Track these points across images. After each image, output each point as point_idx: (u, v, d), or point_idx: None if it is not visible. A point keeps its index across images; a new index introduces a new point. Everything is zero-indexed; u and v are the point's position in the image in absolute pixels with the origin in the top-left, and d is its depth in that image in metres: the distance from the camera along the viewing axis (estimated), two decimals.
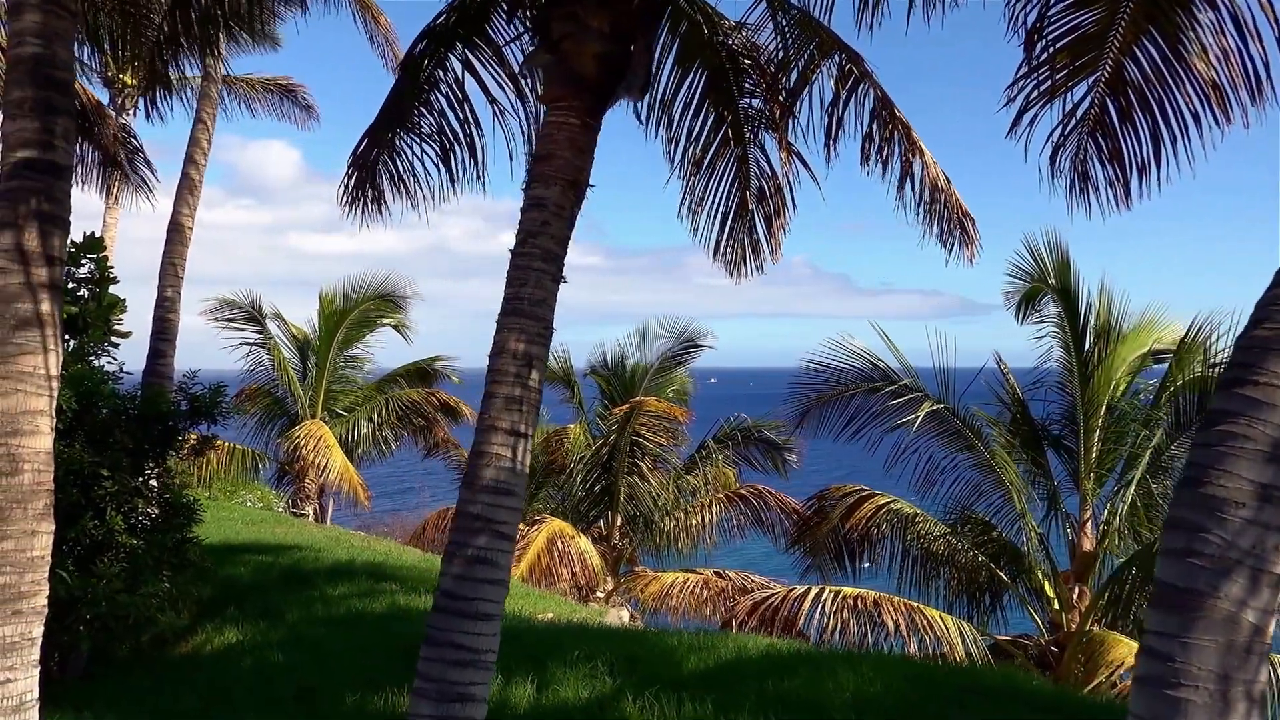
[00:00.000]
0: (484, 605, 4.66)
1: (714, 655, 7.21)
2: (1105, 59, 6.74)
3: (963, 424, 12.83)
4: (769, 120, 8.34)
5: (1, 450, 4.71)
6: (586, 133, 5.33)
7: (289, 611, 9.32)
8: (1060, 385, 13.14)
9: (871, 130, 7.81)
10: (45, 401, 4.86)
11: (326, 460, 16.97)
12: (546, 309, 5.08)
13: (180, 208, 13.76)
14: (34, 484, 4.80)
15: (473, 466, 4.90)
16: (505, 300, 5.10)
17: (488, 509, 4.75)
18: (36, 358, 4.81)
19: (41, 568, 4.82)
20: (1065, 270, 13.10)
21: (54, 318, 4.92)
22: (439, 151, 7.55)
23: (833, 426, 13.57)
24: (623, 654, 7.11)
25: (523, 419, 4.92)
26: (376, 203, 7.50)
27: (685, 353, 19.17)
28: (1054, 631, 12.34)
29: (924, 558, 13.46)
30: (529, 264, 5.07)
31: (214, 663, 7.99)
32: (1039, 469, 13.07)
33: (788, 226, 9.10)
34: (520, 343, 4.96)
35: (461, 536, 4.74)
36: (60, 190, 4.98)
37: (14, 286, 4.78)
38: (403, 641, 7.99)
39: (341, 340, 19.67)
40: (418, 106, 7.41)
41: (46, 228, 4.89)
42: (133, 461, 8.57)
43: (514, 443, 4.86)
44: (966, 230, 8.35)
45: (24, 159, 4.85)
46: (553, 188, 5.17)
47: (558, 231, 5.17)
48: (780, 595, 12.35)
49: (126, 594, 7.72)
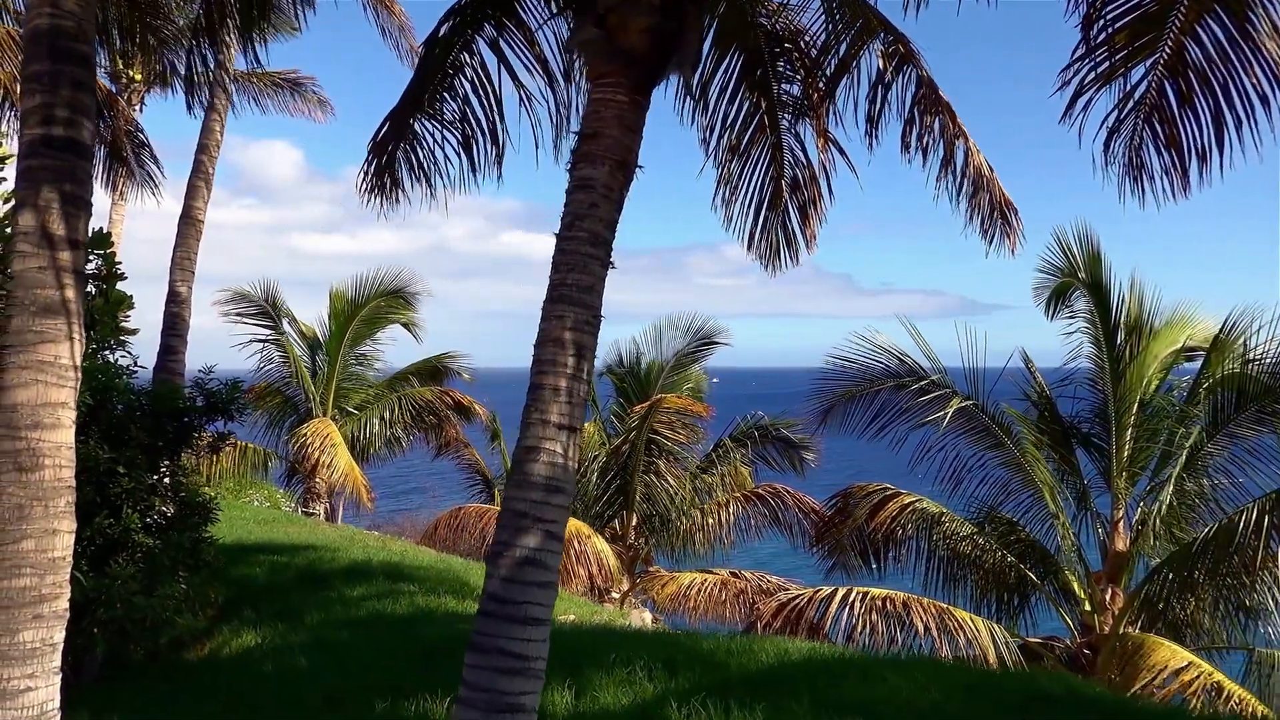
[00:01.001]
0: (533, 609, 4.38)
1: (755, 660, 6.94)
2: (1165, 39, 6.45)
3: (992, 421, 12.55)
4: (805, 107, 8.09)
5: (21, 444, 4.44)
6: (635, 110, 5.06)
7: (308, 613, 9.06)
8: (1091, 382, 12.86)
9: (914, 115, 7.55)
10: (66, 393, 4.60)
11: (332, 458, 16.68)
12: (595, 296, 4.81)
13: (193, 200, 13.47)
14: (55, 480, 4.53)
15: (519, 462, 4.62)
16: (551, 287, 4.83)
17: (536, 507, 4.48)
18: (57, 346, 4.54)
19: (63, 569, 4.56)
20: (1096, 264, 12.82)
21: (76, 305, 4.65)
22: (460, 139, 7.28)
23: (857, 424, 13.31)
24: (660, 658, 6.83)
25: (572, 412, 4.65)
26: (393, 192, 7.24)
27: (701, 350, 18.91)
28: (1086, 633, 12.06)
29: (950, 558, 13.18)
30: (577, 248, 4.80)
31: (234, 667, 7.72)
32: (1068, 467, 12.79)
33: (824, 217, 8.85)
34: (568, 331, 4.69)
35: (508, 536, 4.46)
36: (82, 170, 4.72)
37: (34, 271, 4.51)
38: (427, 644, 7.74)
39: (352, 337, 19.41)
40: (440, 92, 7.15)
41: (68, 209, 4.63)
42: (148, 459, 8.31)
43: (563, 437, 4.59)
44: (1009, 221, 8.10)
45: (44, 136, 4.59)
46: (600, 168, 4.90)
47: (606, 214, 4.90)
48: (806, 596, 12.07)
49: (143, 596, 7.47)
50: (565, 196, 5.02)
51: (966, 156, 7.78)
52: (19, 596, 4.37)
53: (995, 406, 12.62)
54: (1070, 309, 13.30)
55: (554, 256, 4.88)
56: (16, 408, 4.45)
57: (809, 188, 8.61)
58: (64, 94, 4.63)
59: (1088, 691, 6.18)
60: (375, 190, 7.01)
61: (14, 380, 4.46)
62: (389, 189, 7.10)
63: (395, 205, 7.00)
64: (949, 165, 7.84)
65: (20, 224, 4.55)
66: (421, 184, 7.24)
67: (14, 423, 4.44)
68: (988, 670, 7.26)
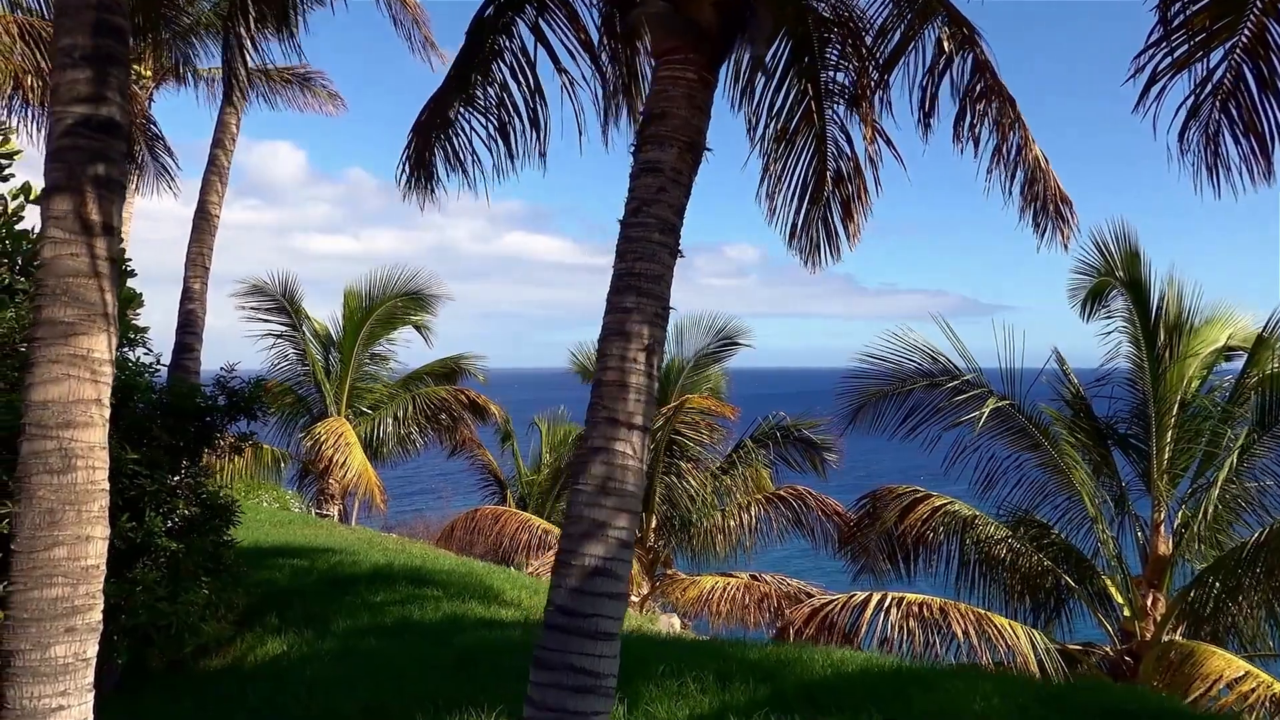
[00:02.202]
0: (604, 623, 4.07)
1: (808, 670, 6.62)
2: (1246, 21, 6.13)
3: (1029, 422, 12.23)
4: (852, 96, 7.79)
5: (52, 445, 4.13)
6: (704, 89, 4.76)
7: (334, 620, 8.75)
8: (1130, 382, 12.53)
9: (969, 102, 7.26)
10: (100, 389, 4.30)
11: (346, 458, 16.35)
12: (664, 286, 4.50)
13: (208, 196, 13.18)
14: (88, 483, 4.23)
15: (585, 465, 4.31)
16: (617, 276, 4.51)
17: (605, 513, 4.17)
18: (90, 339, 4.24)
19: (96, 578, 4.25)
20: (1134, 262, 12.48)
21: (111, 295, 4.34)
22: (497, 125, 6.98)
23: (889, 423, 12.99)
24: (709, 669, 6.52)
25: (642, 410, 4.34)
26: (430, 183, 6.96)
27: (722, 350, 18.59)
28: (1126, 640, 11.74)
29: (982, 561, 12.86)
30: (646, 235, 4.49)
31: (261, 676, 7.40)
32: (1105, 469, 12.47)
33: (869, 211, 8.56)
34: (637, 324, 4.38)
35: (575, 544, 4.14)
36: (116, 151, 4.40)
37: (66, 258, 4.21)
38: (461, 652, 7.43)
39: (366, 337, 19.10)
40: (479, 78, 6.87)
41: (102, 193, 4.32)
42: (170, 459, 8.01)
43: (633, 437, 4.28)
44: (1062, 215, 7.81)
45: (78, 115, 4.27)
46: (669, 150, 4.59)
47: (675, 199, 4.59)
48: (840, 602, 11.73)
49: (167, 602, 7.15)
50: (630, 180, 4.71)
51: (1025, 146, 7.48)
52: (50, 608, 4.07)
53: (1033, 407, 12.30)
54: (1107, 309, 12.99)
55: (619, 244, 4.57)
56: (47, 405, 4.15)
57: (853, 181, 8.33)
58: (97, 69, 4.32)
59: (1171, 706, 5.86)
60: (414, 181, 6.72)
61: (44, 375, 4.16)
62: (427, 180, 6.81)
63: (433, 196, 6.70)
64: (1002, 155, 7.55)
65: (51, 208, 4.25)
66: (458, 173, 6.95)
67: (44, 421, 4.14)
68: (1057, 682, 6.93)
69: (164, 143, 15.96)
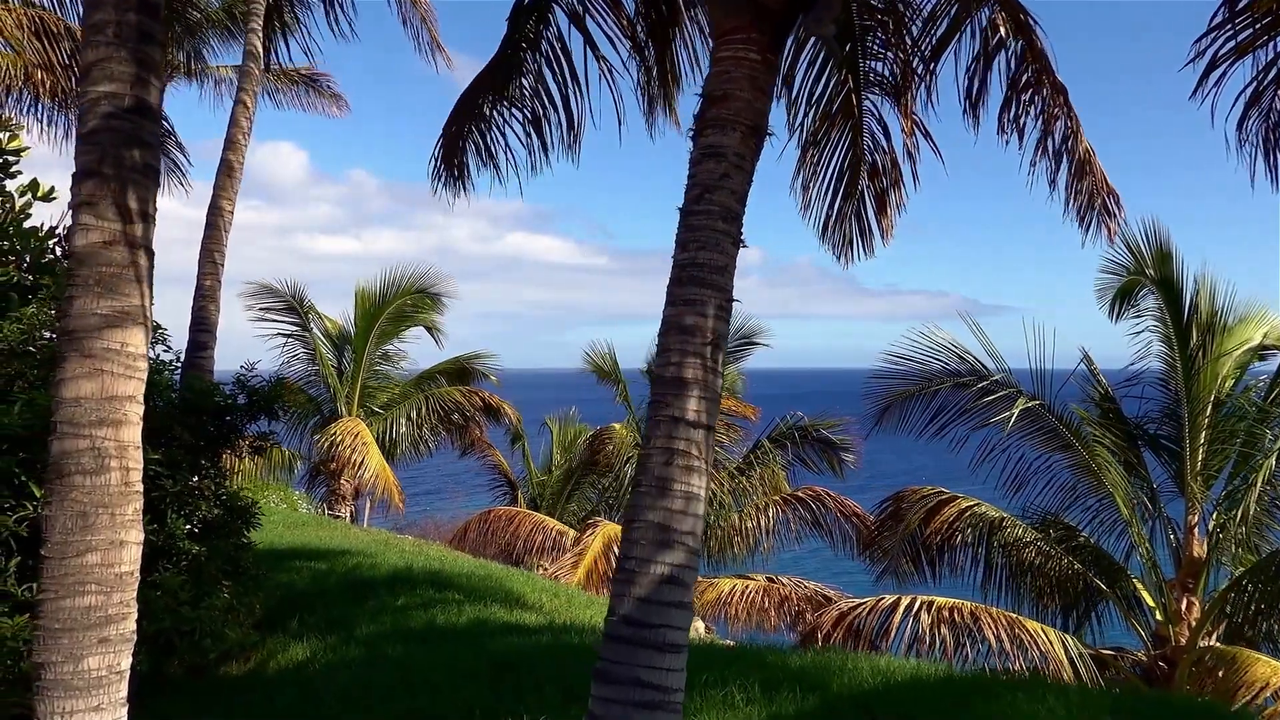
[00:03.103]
0: (671, 634, 3.84)
1: (856, 679, 6.38)
2: None
3: (1060, 422, 11.99)
4: (891, 86, 7.58)
5: (85, 444, 3.89)
6: (768, 70, 4.52)
7: (356, 624, 8.51)
8: (1162, 382, 12.30)
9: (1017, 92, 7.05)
10: (134, 385, 4.05)
11: (363, 458, 16.13)
12: (728, 277, 4.26)
13: (220, 192, 12.93)
14: (122, 484, 3.99)
15: (648, 466, 4.07)
16: (677, 266, 4.28)
17: (671, 517, 3.93)
18: (125, 332, 4.00)
19: (130, 586, 4.01)
20: (1165, 260, 12.23)
21: (146, 286, 4.10)
22: (530, 118, 6.77)
23: (914, 424, 12.76)
24: (753, 678, 6.28)
25: (707, 409, 4.10)
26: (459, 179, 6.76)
27: (739, 350, 18.35)
28: (1160, 645, 11.49)
29: (1010, 564, 12.62)
30: (709, 223, 4.25)
31: (286, 684, 7.16)
32: (1136, 471, 12.23)
33: (904, 205, 8.34)
34: (700, 316, 4.14)
35: (640, 551, 3.90)
36: (150, 134, 4.17)
37: (99, 246, 3.96)
38: (494, 660, 7.19)
39: (378, 336, 18.88)
40: (513, 69, 6.66)
41: (137, 177, 4.09)
42: (190, 459, 7.78)
43: (699, 437, 4.05)
44: (1109, 208, 7.59)
45: (111, 95, 4.04)
46: (731, 134, 4.35)
47: (738, 185, 4.35)
48: (868, 606, 11.50)
49: (189, 606, 6.92)
50: (690, 166, 4.47)
51: (1075, 137, 7.26)
52: (83, 618, 3.83)
53: (1064, 407, 12.06)
54: (1136, 308, 12.76)
55: (680, 233, 4.34)
56: (79, 401, 3.90)
57: (888, 175, 8.12)
58: (131, 47, 4.08)
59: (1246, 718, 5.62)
60: (445, 178, 6.53)
61: (76, 370, 3.92)
62: (459, 177, 6.61)
63: (466, 193, 6.51)
64: (1050, 146, 7.34)
65: (84, 193, 4.01)
66: (489, 168, 6.75)
67: (76, 419, 3.90)
68: (1121, 692, 6.69)
69: (175, 139, 15.73)
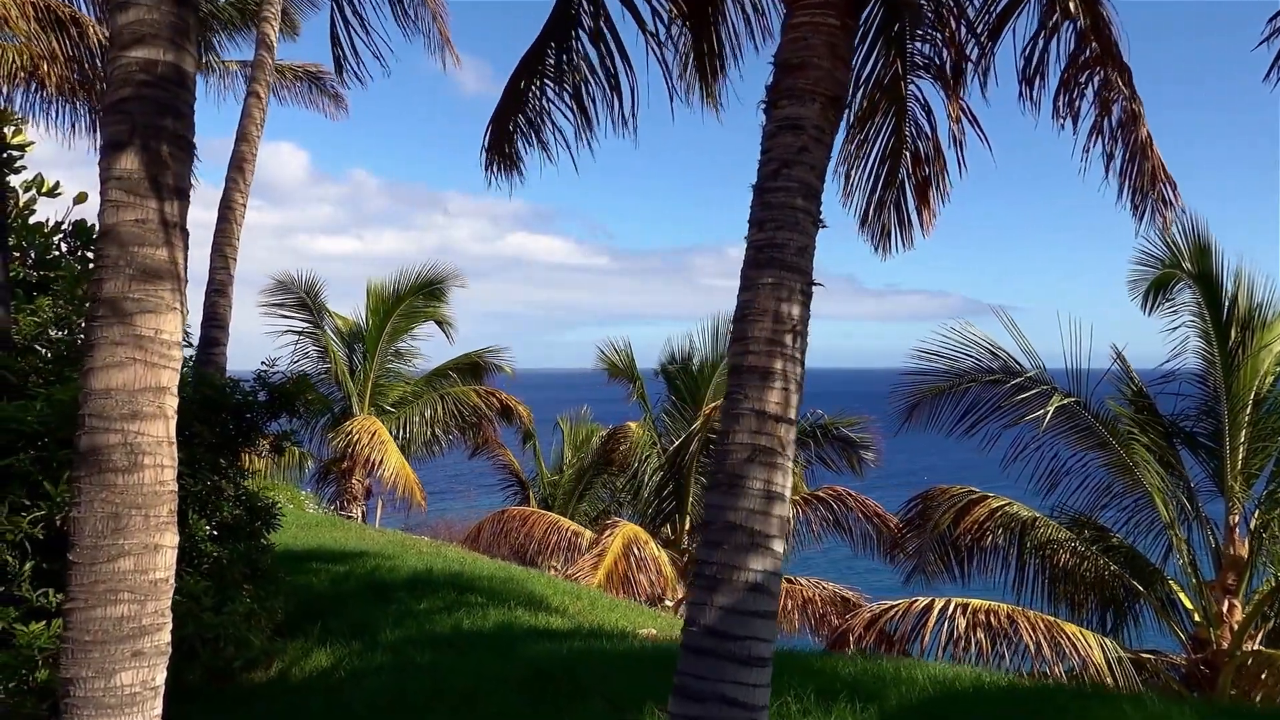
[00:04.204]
0: (757, 646, 3.52)
1: (915, 689, 6.06)
2: None
3: (1096, 420, 11.67)
4: (951, 67, 7.27)
5: (116, 439, 3.57)
6: (847, 37, 4.22)
7: (380, 629, 8.20)
8: (1199, 378, 11.96)
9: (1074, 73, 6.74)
10: (169, 375, 3.74)
11: (382, 457, 15.82)
12: (808, 259, 3.95)
13: (232, 186, 12.63)
14: (155, 483, 3.68)
15: (726, 463, 3.76)
16: (753, 247, 3.96)
17: (754, 519, 3.61)
18: (159, 318, 3.68)
19: (165, 594, 3.70)
20: (1203, 254, 11.89)
21: (181, 268, 3.79)
22: (571, 91, 6.47)
23: (944, 421, 12.45)
24: (807, 686, 5.96)
25: (788, 401, 3.78)
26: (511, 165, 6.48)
27: None
28: (1200, 648, 11.17)
29: (1044, 565, 12.30)
30: (788, 201, 3.93)
31: (312, 692, 6.84)
32: (1174, 469, 11.91)
33: (947, 196, 8.03)
34: (780, 301, 3.83)
35: (720, 555, 3.59)
36: (185, 103, 3.85)
37: (131, 225, 3.65)
38: (530, 668, 6.87)
39: (390, 333, 18.56)
40: (557, 47, 6.37)
41: (172, 150, 3.77)
42: (210, 458, 7.47)
43: (781, 431, 3.73)
44: (1165, 195, 7.28)
45: (142, 61, 3.72)
46: (810, 104, 4.04)
47: (818, 160, 4.04)
48: (901, 609, 11.17)
49: (212, 612, 6.60)
50: (764, 140, 4.15)
51: (1136, 121, 6.95)
52: (116, 629, 3.52)
53: (1101, 405, 11.74)
54: (1171, 302, 12.42)
55: (756, 212, 4.02)
56: (110, 393, 3.59)
57: (931, 163, 7.81)
58: (165, 10, 3.77)
59: None
60: (496, 164, 6.26)
61: (107, 359, 3.61)
62: (511, 165, 6.34)
63: (519, 179, 6.23)
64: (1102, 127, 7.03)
65: (115, 168, 3.69)
66: (537, 149, 6.46)
67: (106, 412, 3.59)
68: (1193, 699, 6.38)
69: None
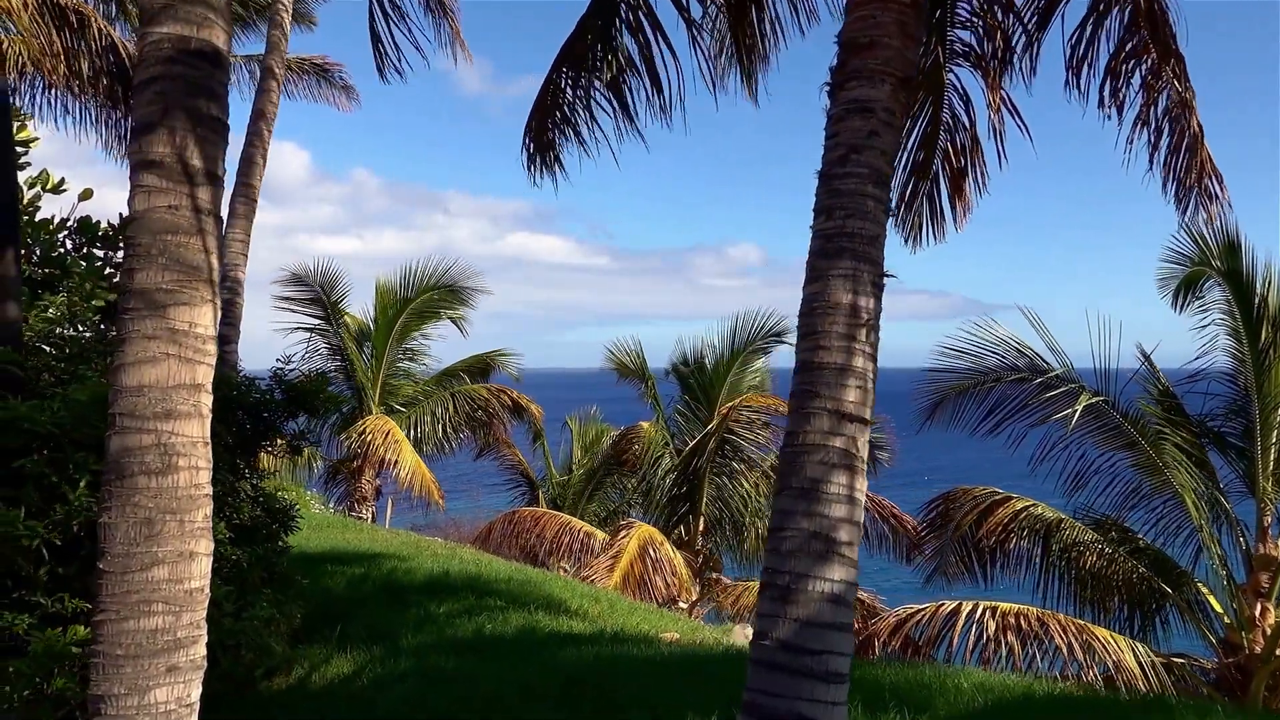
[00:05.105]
0: (835, 661, 3.30)
1: (961, 698, 5.85)
2: None
3: (1124, 420, 11.45)
4: (977, 57, 7.06)
5: (150, 439, 3.35)
6: (917, 14, 3.98)
7: (401, 634, 7.98)
8: (1229, 377, 11.75)
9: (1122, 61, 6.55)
10: (204, 372, 3.52)
11: (397, 456, 15.59)
12: (879, 249, 3.72)
13: (248, 175, 12.39)
14: (190, 486, 3.46)
15: (797, 466, 3.53)
16: (821, 236, 3.74)
17: (830, 525, 3.39)
18: (193, 310, 3.46)
19: (201, 604, 3.49)
20: (1232, 252, 11.68)
21: (215, 257, 3.56)
22: (607, 80, 6.28)
23: (968, 420, 12.24)
24: (853, 697, 5.73)
25: (864, 399, 3.55)
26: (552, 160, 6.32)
27: (772, 346, 17.84)
28: (1232, 652, 10.95)
29: (1069, 567, 12.09)
30: (857, 187, 3.71)
31: (335, 699, 6.62)
32: (1203, 470, 11.70)
33: (984, 189, 7.84)
34: (854, 294, 3.61)
35: (796, 564, 3.36)
36: (219, 84, 3.63)
37: (164, 211, 3.42)
38: (560, 675, 6.66)
39: (400, 331, 18.33)
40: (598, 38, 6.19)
41: (205, 133, 3.55)
42: (228, 458, 7.24)
43: (854, 431, 3.50)
44: (1211, 189, 7.08)
45: (173, 38, 3.50)
46: (880, 86, 3.81)
47: (889, 144, 3.82)
48: (928, 612, 10.96)
49: (233, 618, 6.38)
50: (829, 124, 3.93)
51: (1189, 110, 6.74)
52: (149, 642, 3.30)
53: (1131, 404, 11.53)
54: (1201, 300, 12.21)
55: (822, 199, 3.79)
56: (142, 390, 3.37)
57: (967, 154, 7.61)
58: None
59: None
60: (538, 161, 6.09)
61: (139, 354, 3.38)
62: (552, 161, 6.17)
63: (561, 173, 6.06)
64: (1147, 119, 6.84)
65: (145, 151, 3.47)
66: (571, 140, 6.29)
67: (138, 410, 3.37)
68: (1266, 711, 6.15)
69: None
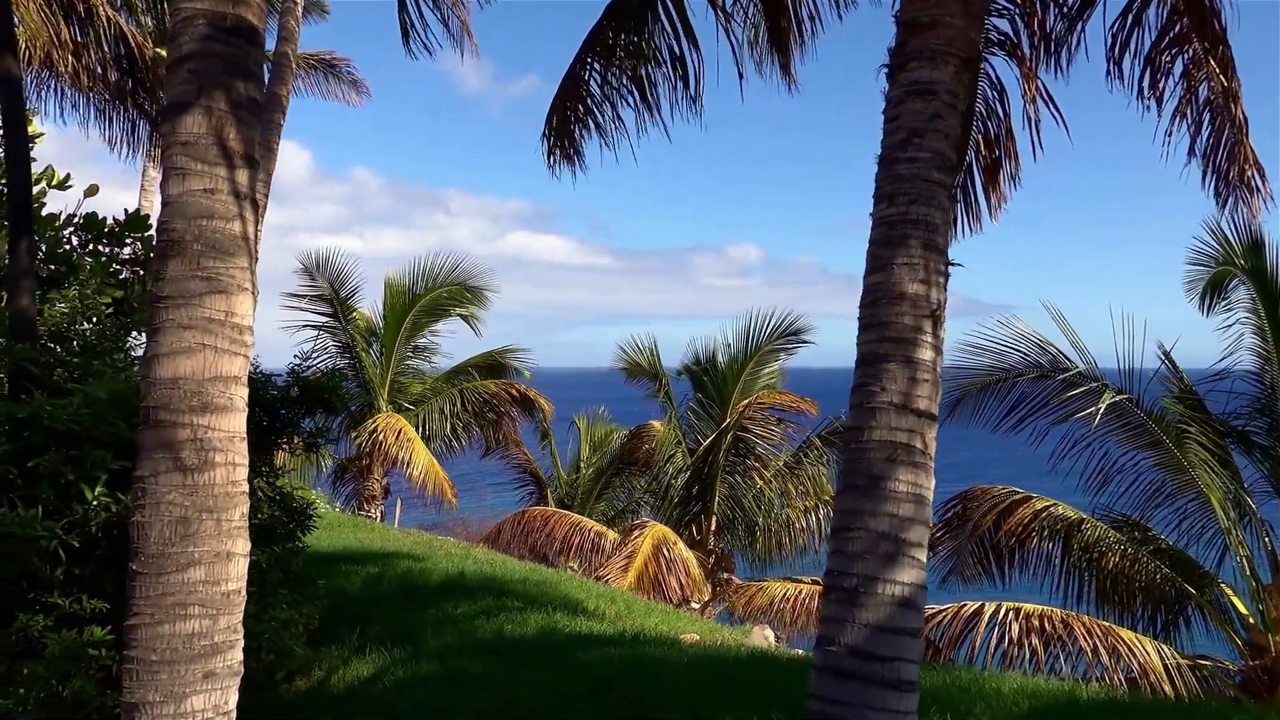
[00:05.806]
0: (905, 669, 3.14)
1: (1002, 702, 5.70)
2: None
3: (1149, 418, 11.30)
4: (1013, 45, 6.94)
5: (184, 434, 3.19)
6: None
7: (420, 636, 7.82)
8: (1255, 376, 11.62)
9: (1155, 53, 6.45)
10: (240, 364, 3.36)
11: (410, 454, 15.44)
12: (945, 237, 3.56)
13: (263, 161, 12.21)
14: (227, 483, 3.30)
15: (862, 464, 3.37)
16: (885, 223, 3.58)
17: (899, 525, 3.23)
18: (230, 299, 3.31)
19: (238, 607, 3.33)
20: (1257, 251, 11.57)
21: (253, 244, 3.41)
22: (630, 73, 6.13)
23: (989, 417, 12.10)
24: None
25: (931, 394, 3.39)
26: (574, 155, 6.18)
27: (785, 345, 17.67)
28: (1258, 655, 10.80)
29: (1091, 567, 11.94)
30: (921, 173, 3.55)
31: (358, 703, 6.47)
32: (1227, 470, 11.55)
33: (1019, 179, 7.71)
34: (920, 284, 3.46)
35: (863, 566, 3.20)
36: (255, 62, 3.47)
37: (199, 195, 3.27)
38: (588, 678, 6.51)
39: (409, 329, 18.17)
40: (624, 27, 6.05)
41: (241, 114, 3.39)
42: None
43: (923, 428, 3.34)
44: (1253, 183, 6.96)
45: (209, 14, 3.34)
46: (943, 67, 3.66)
47: (952, 128, 3.66)
48: (950, 613, 10.81)
49: (254, 620, 6.22)
50: (888, 106, 3.77)
51: (1235, 102, 6.62)
52: (185, 647, 3.14)
53: (1155, 403, 11.39)
54: (1228, 300, 12.09)
55: (884, 184, 3.64)
56: (177, 383, 3.21)
57: (1002, 144, 7.48)
58: None
59: None
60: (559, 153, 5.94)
61: (173, 344, 3.23)
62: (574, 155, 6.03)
63: (581, 165, 5.92)
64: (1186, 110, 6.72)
65: (180, 132, 3.31)
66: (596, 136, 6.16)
67: (173, 404, 3.21)
68: None
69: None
